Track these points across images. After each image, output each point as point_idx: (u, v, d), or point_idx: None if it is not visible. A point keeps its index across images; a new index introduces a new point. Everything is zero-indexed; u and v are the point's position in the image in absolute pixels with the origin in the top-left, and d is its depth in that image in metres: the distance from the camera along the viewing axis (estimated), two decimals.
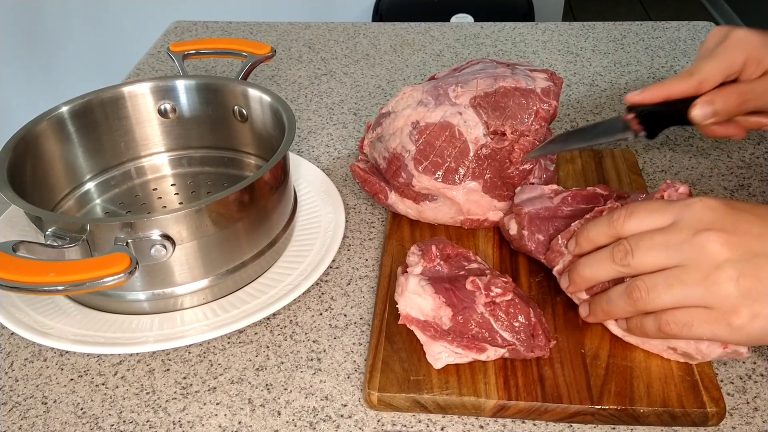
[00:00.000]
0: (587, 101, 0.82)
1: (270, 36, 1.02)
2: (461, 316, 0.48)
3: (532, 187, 0.57)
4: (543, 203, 0.55)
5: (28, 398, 0.50)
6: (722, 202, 0.44)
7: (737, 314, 0.42)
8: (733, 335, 0.42)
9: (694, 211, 0.44)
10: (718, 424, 0.46)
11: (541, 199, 0.56)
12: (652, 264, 0.44)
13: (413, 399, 0.47)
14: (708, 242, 0.42)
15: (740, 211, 0.43)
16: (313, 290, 0.58)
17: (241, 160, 0.70)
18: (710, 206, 0.44)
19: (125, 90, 0.65)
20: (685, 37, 0.96)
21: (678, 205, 0.45)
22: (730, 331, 0.42)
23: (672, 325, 0.44)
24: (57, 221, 0.50)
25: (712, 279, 0.42)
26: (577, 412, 0.46)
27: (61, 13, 1.97)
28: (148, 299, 0.54)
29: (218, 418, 0.48)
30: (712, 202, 0.44)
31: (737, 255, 0.42)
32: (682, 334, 0.44)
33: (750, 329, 0.42)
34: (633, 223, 0.46)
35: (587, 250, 0.49)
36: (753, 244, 0.42)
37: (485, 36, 0.99)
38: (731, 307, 0.42)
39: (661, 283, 0.44)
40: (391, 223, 0.62)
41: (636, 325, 0.47)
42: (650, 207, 0.46)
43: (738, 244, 0.42)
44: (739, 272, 0.41)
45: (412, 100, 0.61)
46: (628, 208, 0.46)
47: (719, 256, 0.42)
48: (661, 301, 0.44)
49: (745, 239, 0.42)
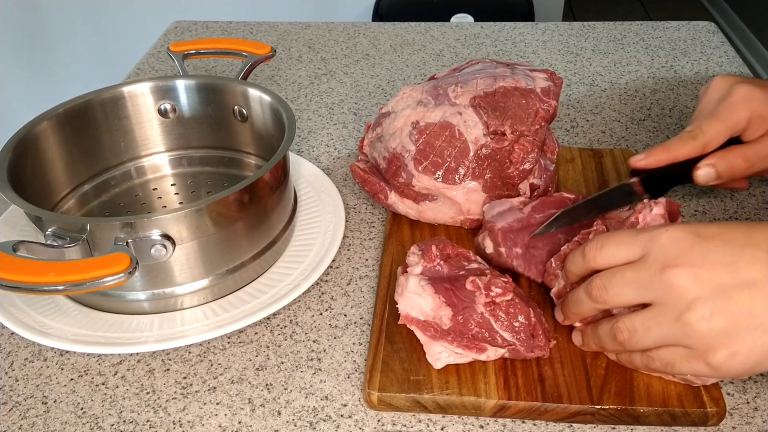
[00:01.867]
0: (587, 101, 0.82)
1: (270, 36, 1.02)
2: (461, 316, 0.48)
3: (501, 201, 0.57)
4: (514, 216, 0.55)
5: (28, 398, 0.50)
6: (689, 231, 0.42)
7: (714, 353, 0.41)
8: (715, 373, 0.42)
9: (661, 245, 0.42)
10: (718, 424, 0.46)
11: (512, 212, 0.55)
12: (626, 301, 0.44)
13: (413, 399, 0.47)
14: (676, 279, 0.41)
15: (708, 240, 0.42)
16: (313, 290, 0.58)
17: (241, 160, 0.70)
18: (677, 238, 0.42)
19: (125, 90, 0.65)
20: (685, 37, 0.96)
21: (645, 236, 0.44)
22: (711, 369, 0.42)
23: (657, 363, 0.44)
24: (57, 221, 0.50)
25: (685, 320, 0.41)
26: (577, 412, 0.46)
27: (61, 13, 1.97)
28: (148, 299, 0.54)
29: (218, 418, 0.48)
30: (678, 233, 0.42)
31: (707, 291, 0.41)
32: (666, 371, 0.45)
33: (730, 367, 0.41)
34: (604, 256, 0.45)
35: (574, 281, 0.49)
36: (723, 277, 0.41)
37: (485, 36, 0.99)
38: (707, 346, 0.41)
39: (639, 327, 0.43)
40: (391, 223, 0.62)
41: (626, 360, 0.47)
42: (619, 239, 0.45)
43: (707, 279, 0.41)
44: (710, 310, 0.40)
45: (412, 100, 0.61)
46: (599, 241, 0.46)
47: (689, 293, 0.41)
48: (643, 343, 0.44)
49: (715, 272, 0.41)
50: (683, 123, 0.77)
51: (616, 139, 0.75)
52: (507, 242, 0.54)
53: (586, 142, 0.75)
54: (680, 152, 0.55)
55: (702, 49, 0.93)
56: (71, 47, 2.04)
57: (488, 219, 0.56)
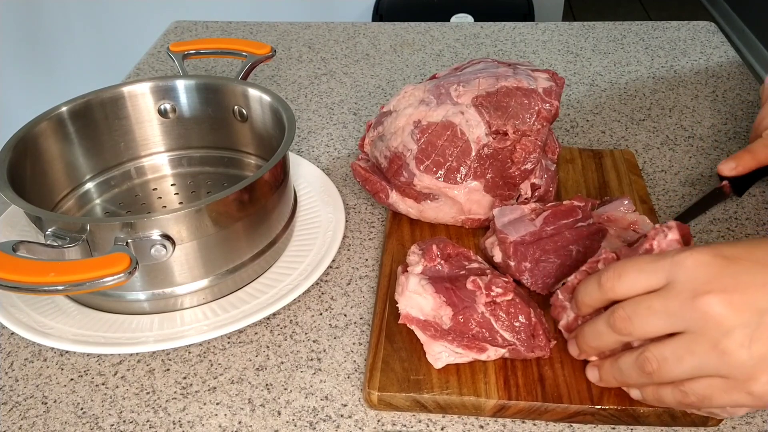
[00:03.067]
0: (587, 101, 0.82)
1: (270, 36, 1.02)
2: (462, 315, 0.48)
3: (512, 207, 0.56)
4: (526, 227, 0.54)
5: (28, 398, 0.50)
6: (714, 254, 0.40)
7: (755, 381, 0.39)
8: (757, 402, 0.40)
9: (687, 270, 0.40)
10: (718, 425, 0.46)
11: (523, 222, 0.55)
12: (654, 331, 0.42)
13: (413, 399, 0.47)
14: (710, 307, 0.39)
15: (736, 262, 0.40)
16: (313, 290, 0.58)
17: (241, 160, 0.70)
18: (703, 262, 0.40)
19: (125, 90, 0.65)
20: (685, 37, 0.96)
21: (667, 261, 0.41)
22: (752, 399, 0.39)
23: (692, 397, 0.41)
24: (57, 221, 0.50)
25: (722, 348, 0.39)
26: (577, 412, 0.46)
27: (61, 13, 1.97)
28: (148, 299, 0.54)
29: (218, 418, 0.48)
30: (703, 257, 0.40)
31: (745, 318, 0.38)
32: (702, 405, 0.41)
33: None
34: (624, 285, 0.43)
35: (587, 313, 0.47)
36: (759, 300, 0.39)
37: (485, 36, 0.99)
38: (748, 375, 0.39)
39: (670, 356, 0.41)
40: (391, 222, 0.62)
41: (654, 396, 0.44)
42: (639, 265, 0.42)
43: (743, 304, 0.39)
44: (749, 337, 0.38)
45: (414, 99, 0.61)
46: (616, 269, 0.43)
47: (726, 321, 0.39)
48: (674, 374, 0.41)
49: (750, 296, 0.39)
50: (683, 123, 0.77)
51: (616, 139, 0.75)
52: (517, 256, 0.53)
53: (586, 142, 0.75)
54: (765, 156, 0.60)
55: (702, 49, 0.93)
56: (71, 47, 2.04)
57: (499, 228, 0.55)
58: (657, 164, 0.71)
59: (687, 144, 0.74)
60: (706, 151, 0.73)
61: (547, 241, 0.54)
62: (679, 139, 0.75)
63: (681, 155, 0.72)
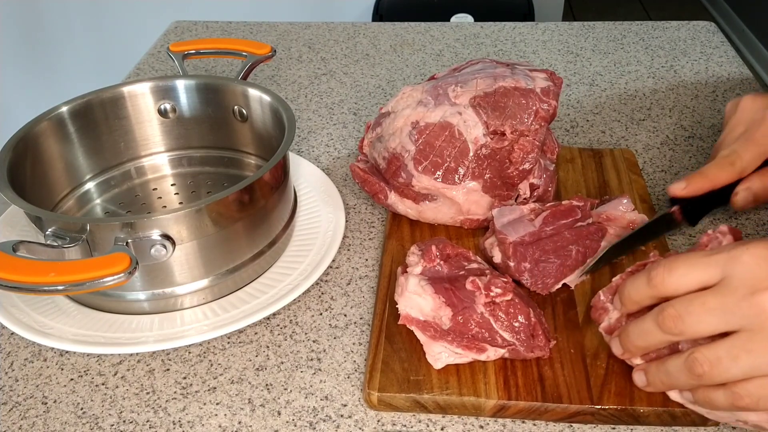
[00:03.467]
0: (587, 101, 0.82)
1: (270, 36, 1.02)
2: (461, 316, 0.48)
3: (511, 208, 0.57)
4: (525, 228, 0.54)
5: (28, 398, 0.50)
6: None
7: None
8: None
9: (744, 266, 0.39)
10: (718, 425, 0.46)
11: (522, 222, 0.55)
12: (707, 330, 0.40)
13: (413, 399, 0.47)
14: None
15: None
16: (313, 290, 0.58)
17: (241, 160, 0.70)
18: (762, 257, 0.39)
19: (125, 90, 0.65)
20: (685, 37, 0.96)
21: (723, 257, 0.40)
22: None
23: (746, 399, 0.39)
24: (57, 221, 0.50)
25: None
26: (577, 412, 0.46)
27: (61, 13, 1.97)
28: (148, 299, 0.54)
29: (218, 418, 0.48)
30: (761, 251, 0.39)
31: None
32: (757, 407, 0.40)
33: None
34: (674, 280, 0.41)
35: (633, 310, 0.45)
36: None
37: (485, 36, 0.99)
38: None
39: (725, 355, 0.39)
40: (391, 223, 0.62)
41: (704, 399, 0.42)
42: (691, 260, 0.41)
43: None
44: None
45: (412, 100, 0.61)
46: (666, 264, 0.42)
47: None
48: (728, 375, 0.39)
49: None
50: (683, 123, 0.77)
51: (616, 139, 0.75)
52: (517, 256, 0.53)
53: (586, 142, 0.75)
54: (719, 179, 0.55)
55: (702, 49, 0.93)
56: (71, 47, 2.04)
57: (499, 228, 0.55)
58: (657, 164, 0.71)
59: (687, 144, 0.74)
60: (706, 151, 0.73)
61: (547, 242, 0.54)
62: (679, 139, 0.75)
63: (681, 155, 0.72)
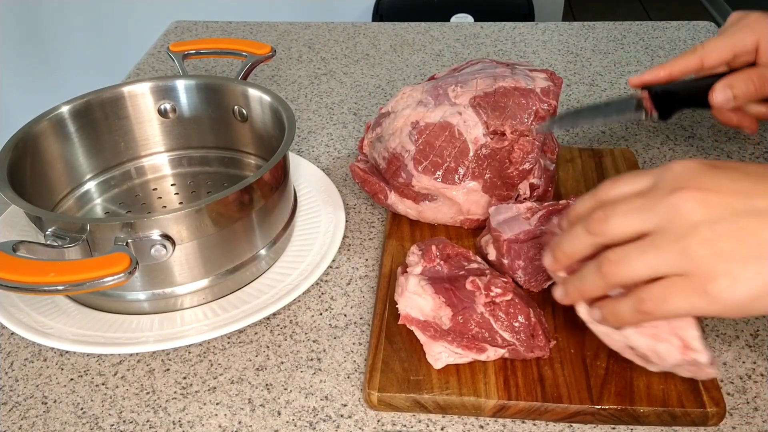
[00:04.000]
0: (587, 101, 0.82)
1: (270, 36, 1.02)
2: (461, 316, 0.48)
3: (507, 206, 0.56)
4: (521, 226, 0.54)
5: (28, 398, 0.50)
6: (706, 163, 0.40)
7: (714, 280, 0.37)
8: (712, 305, 0.38)
9: (672, 172, 0.40)
10: (718, 424, 0.46)
11: (518, 221, 0.55)
12: (627, 230, 0.40)
13: (413, 399, 0.47)
14: (683, 201, 0.38)
15: (725, 169, 0.39)
16: (313, 290, 0.58)
17: (241, 160, 0.70)
18: (690, 167, 0.40)
19: (125, 90, 0.65)
20: (685, 37, 0.96)
21: (659, 168, 0.42)
22: (708, 300, 0.38)
23: (648, 302, 0.40)
24: (57, 221, 0.50)
25: (686, 242, 0.38)
26: (577, 412, 0.46)
27: (61, 13, 1.97)
28: (148, 299, 0.54)
29: (218, 418, 0.48)
30: (692, 163, 0.40)
31: (715, 214, 0.38)
32: (658, 310, 0.40)
33: (730, 296, 0.37)
34: (616, 190, 0.43)
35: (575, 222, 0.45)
36: (735, 202, 0.38)
37: (485, 36, 0.99)
38: (707, 272, 0.38)
39: (633, 251, 0.40)
40: (390, 223, 0.62)
41: (610, 312, 0.43)
42: (633, 173, 0.43)
43: (717, 203, 0.38)
44: (716, 233, 0.37)
45: (412, 100, 0.61)
46: (612, 182, 0.43)
47: (693, 215, 0.38)
48: (632, 271, 0.40)
49: (727, 197, 0.38)
50: (683, 123, 0.77)
51: (616, 139, 0.75)
52: (511, 253, 0.53)
53: (586, 142, 0.75)
54: (678, 66, 0.55)
55: None
56: (71, 47, 2.04)
57: (494, 226, 0.55)
58: (657, 164, 0.71)
59: (687, 144, 0.74)
60: (706, 151, 0.73)
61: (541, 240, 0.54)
62: (679, 139, 0.75)
63: (681, 155, 0.72)
